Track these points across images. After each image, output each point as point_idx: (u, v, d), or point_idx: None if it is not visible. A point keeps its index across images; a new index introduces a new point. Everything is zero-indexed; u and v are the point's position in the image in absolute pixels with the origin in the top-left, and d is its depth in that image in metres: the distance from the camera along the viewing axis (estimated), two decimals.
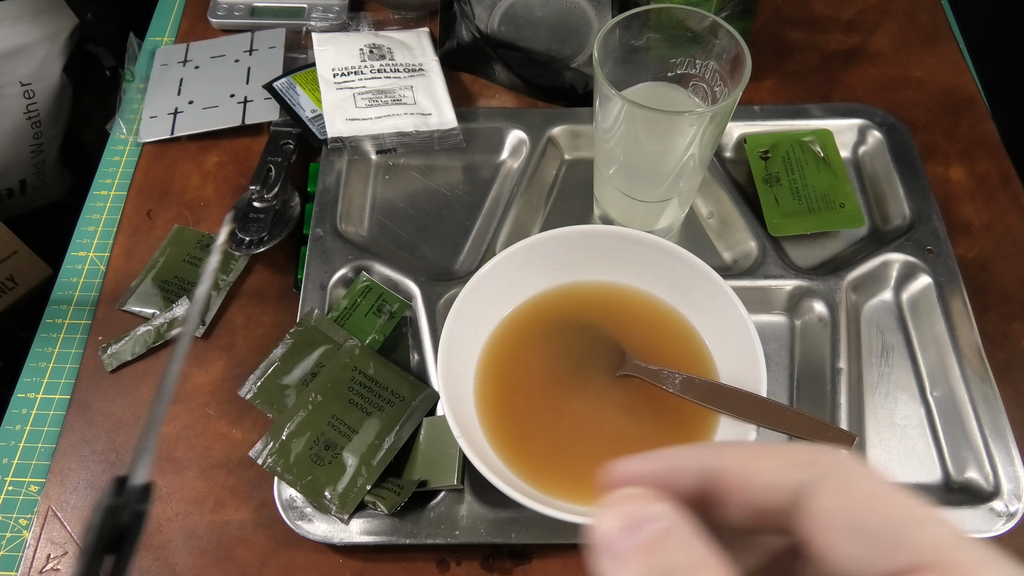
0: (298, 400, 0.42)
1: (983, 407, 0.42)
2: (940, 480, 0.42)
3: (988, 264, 0.49)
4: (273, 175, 0.51)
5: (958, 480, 0.42)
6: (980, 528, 0.39)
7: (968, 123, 0.55)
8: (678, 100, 0.43)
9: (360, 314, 0.45)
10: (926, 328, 0.46)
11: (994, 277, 0.48)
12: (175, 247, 0.50)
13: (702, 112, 0.38)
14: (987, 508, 0.39)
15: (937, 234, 0.48)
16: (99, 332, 0.48)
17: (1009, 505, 0.39)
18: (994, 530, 0.39)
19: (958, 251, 0.48)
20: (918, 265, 0.47)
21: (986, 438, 0.41)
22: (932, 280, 0.46)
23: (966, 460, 0.42)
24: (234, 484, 0.42)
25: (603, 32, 0.39)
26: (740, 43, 0.38)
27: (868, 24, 0.60)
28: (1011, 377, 0.44)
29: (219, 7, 0.61)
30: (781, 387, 0.45)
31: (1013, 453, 0.41)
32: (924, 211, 0.49)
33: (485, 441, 0.38)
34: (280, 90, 0.55)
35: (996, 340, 0.46)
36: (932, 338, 0.46)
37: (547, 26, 0.53)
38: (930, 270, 0.46)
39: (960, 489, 0.41)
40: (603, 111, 0.40)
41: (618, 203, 0.47)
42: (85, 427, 0.44)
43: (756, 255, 0.47)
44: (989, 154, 0.54)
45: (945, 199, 0.51)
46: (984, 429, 0.42)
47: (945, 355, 0.44)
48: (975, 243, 0.50)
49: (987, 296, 0.47)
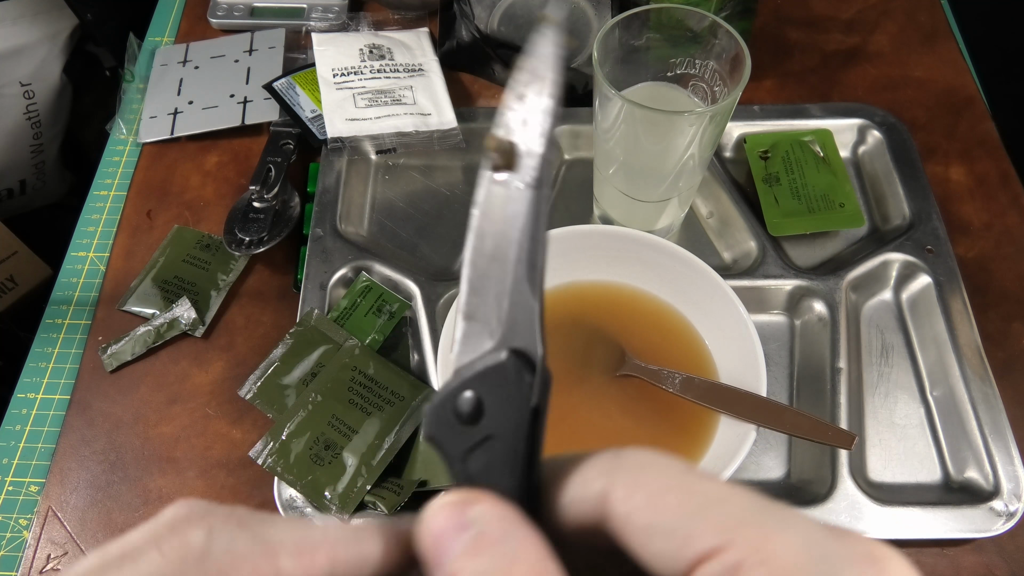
0: (298, 400, 0.42)
1: (983, 407, 0.42)
2: (940, 480, 0.42)
3: (988, 264, 0.49)
4: (273, 175, 0.50)
5: (958, 480, 0.41)
6: (980, 528, 0.39)
7: (968, 123, 0.55)
8: (678, 100, 0.43)
9: (360, 314, 0.45)
10: (926, 328, 0.46)
11: (994, 277, 0.48)
12: (175, 247, 0.50)
13: (702, 112, 0.37)
14: (987, 508, 0.39)
15: (937, 234, 0.47)
16: (99, 332, 0.47)
17: (1009, 504, 0.39)
18: (994, 529, 0.38)
19: (958, 251, 0.48)
20: (918, 265, 0.46)
21: (986, 437, 0.41)
22: (932, 280, 0.46)
23: (966, 460, 0.42)
24: (234, 484, 0.42)
25: (602, 32, 0.39)
26: (740, 43, 0.38)
27: (868, 24, 0.60)
28: (1011, 377, 0.44)
29: (219, 7, 0.61)
30: (781, 387, 0.44)
31: (1013, 452, 0.40)
32: (924, 211, 0.48)
33: None
34: (280, 90, 0.54)
35: (996, 340, 0.45)
36: (932, 338, 0.45)
37: None
38: (930, 270, 0.46)
39: (960, 489, 0.41)
40: (603, 111, 0.40)
41: (618, 203, 0.46)
42: (85, 427, 0.44)
43: (756, 255, 0.47)
44: (988, 154, 0.53)
45: (944, 199, 0.51)
46: (984, 429, 0.41)
47: (945, 355, 0.44)
48: (975, 243, 0.50)
49: (987, 296, 0.47)
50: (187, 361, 0.46)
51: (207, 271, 0.49)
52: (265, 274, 0.49)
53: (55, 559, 0.40)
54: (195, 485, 0.42)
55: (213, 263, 0.49)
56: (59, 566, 0.40)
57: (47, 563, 0.40)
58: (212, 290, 0.48)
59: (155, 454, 0.43)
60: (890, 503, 0.39)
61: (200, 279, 0.48)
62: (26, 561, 0.40)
